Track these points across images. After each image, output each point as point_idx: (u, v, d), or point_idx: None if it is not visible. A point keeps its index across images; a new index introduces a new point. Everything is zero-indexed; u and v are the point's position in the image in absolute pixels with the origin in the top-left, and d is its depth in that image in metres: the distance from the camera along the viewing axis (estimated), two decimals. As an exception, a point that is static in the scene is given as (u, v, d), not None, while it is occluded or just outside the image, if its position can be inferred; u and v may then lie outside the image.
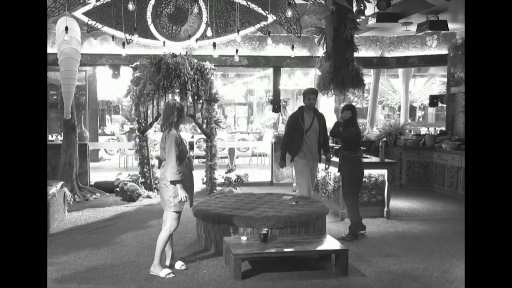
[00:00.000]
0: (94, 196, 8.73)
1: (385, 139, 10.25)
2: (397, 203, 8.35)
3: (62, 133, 9.11)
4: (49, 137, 10.98)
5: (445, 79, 11.86)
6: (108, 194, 9.03)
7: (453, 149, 9.15)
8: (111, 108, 20.69)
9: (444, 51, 10.31)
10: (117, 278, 4.69)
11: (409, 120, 12.23)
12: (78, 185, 8.80)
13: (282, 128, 13.70)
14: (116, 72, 10.01)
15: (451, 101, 10.26)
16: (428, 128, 13.28)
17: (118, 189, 8.72)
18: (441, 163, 9.38)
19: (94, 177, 10.06)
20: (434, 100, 10.71)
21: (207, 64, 8.69)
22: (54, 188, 6.55)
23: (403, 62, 10.86)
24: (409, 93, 13.22)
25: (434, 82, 16.29)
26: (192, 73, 8.40)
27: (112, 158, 14.57)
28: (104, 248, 5.66)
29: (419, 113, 21.54)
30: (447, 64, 10.17)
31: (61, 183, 7.10)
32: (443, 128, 11.21)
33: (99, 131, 15.15)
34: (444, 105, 11.15)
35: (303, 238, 5.14)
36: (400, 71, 12.44)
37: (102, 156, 14.53)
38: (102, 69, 11.96)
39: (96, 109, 13.71)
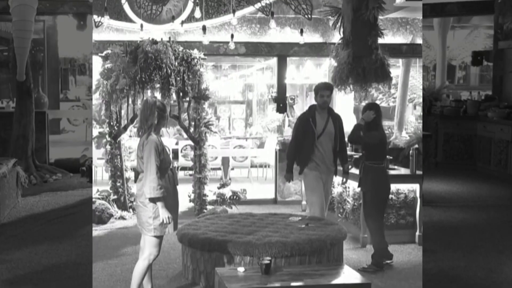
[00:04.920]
0: (54, 177, 8.72)
1: (416, 146, 10.25)
2: (432, 186, 8.34)
3: (15, 99, 9.08)
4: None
5: (492, 32, 11.78)
6: (72, 174, 9.01)
7: (502, 118, 9.12)
8: (76, 68, 20.49)
9: (491, -4, 10.20)
10: (83, 279, 4.65)
11: (447, 83, 12.16)
12: (34, 163, 8.78)
13: (288, 133, 13.70)
14: (82, 22, 9.95)
15: (499, 59, 10.24)
16: (471, 93, 13.21)
17: (84, 168, 8.65)
18: (486, 136, 9.36)
19: (55, 153, 10.02)
20: (478, 58, 10.70)
21: (195, 53, 8.71)
22: (4, 167, 6.58)
23: (439, 10, 10.73)
24: (447, 49, 13.12)
25: (477, 35, 16.19)
26: (176, 63, 8.43)
27: (77, 129, 14.39)
28: (67, 241, 5.66)
29: (459, 74, 21.47)
30: (494, 13, 10.14)
31: (13, 160, 7.12)
32: (489, 93, 11.14)
33: (61, 96, 15.04)
34: (491, 64, 11.11)
35: (314, 270, 5.14)
36: (436, 21, 12.17)
37: (65, 127, 14.42)
38: (65, 19, 11.84)
39: (57, 68, 13.68)
